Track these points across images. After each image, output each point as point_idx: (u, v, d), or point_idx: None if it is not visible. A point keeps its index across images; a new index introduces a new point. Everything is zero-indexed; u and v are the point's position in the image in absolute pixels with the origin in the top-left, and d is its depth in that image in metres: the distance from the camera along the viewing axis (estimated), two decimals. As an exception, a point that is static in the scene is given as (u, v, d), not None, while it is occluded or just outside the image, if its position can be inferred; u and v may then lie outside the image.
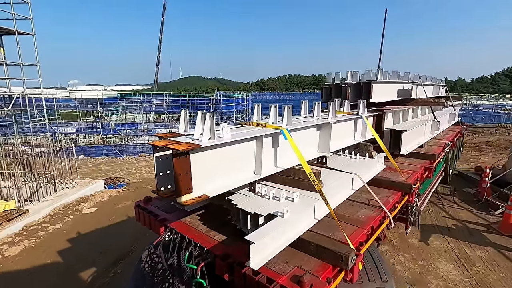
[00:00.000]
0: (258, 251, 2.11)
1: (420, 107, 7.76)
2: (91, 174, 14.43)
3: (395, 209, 3.62)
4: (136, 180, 12.97)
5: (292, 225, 2.46)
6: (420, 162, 5.47)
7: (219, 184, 2.45)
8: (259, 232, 2.17)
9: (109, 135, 32.34)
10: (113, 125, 32.24)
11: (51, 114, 28.83)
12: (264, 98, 52.51)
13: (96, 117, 33.20)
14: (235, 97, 38.10)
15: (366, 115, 4.68)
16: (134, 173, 14.32)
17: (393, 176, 4.39)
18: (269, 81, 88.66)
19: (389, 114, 6.03)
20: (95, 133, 33.00)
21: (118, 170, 15.43)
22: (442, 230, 7.04)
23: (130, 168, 16.01)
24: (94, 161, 19.48)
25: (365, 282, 3.21)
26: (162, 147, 2.19)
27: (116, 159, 19.99)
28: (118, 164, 17.62)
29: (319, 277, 2.18)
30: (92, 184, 10.98)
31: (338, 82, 5.90)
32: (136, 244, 6.75)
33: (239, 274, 2.29)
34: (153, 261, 2.92)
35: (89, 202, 9.69)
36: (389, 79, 6.40)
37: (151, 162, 16.39)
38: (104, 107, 33.73)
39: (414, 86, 6.77)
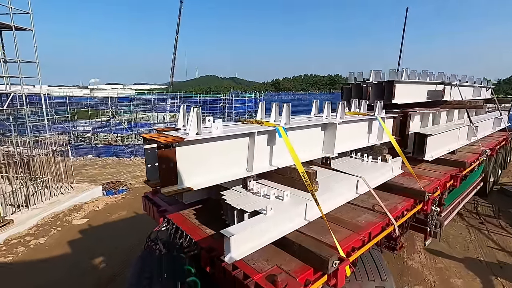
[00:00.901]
0: (233, 246, 2.12)
1: (457, 110, 7.14)
2: (95, 176, 14.16)
3: (402, 217, 3.38)
4: (139, 185, 12.26)
5: (277, 224, 2.43)
6: (447, 169, 5.03)
7: (206, 178, 2.51)
8: (235, 227, 2.19)
9: (121, 134, 32.02)
10: (126, 124, 31.86)
11: (66, 112, 29.72)
12: (278, 98, 51.26)
13: (110, 116, 32.83)
14: (248, 97, 36.99)
15: (384, 117, 4.44)
16: (138, 177, 13.67)
17: (410, 183, 4.11)
18: (284, 81, 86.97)
19: (416, 116, 5.65)
20: (107, 132, 32.53)
21: (123, 173, 14.92)
22: (493, 268, 5.48)
23: (135, 170, 15.36)
24: (102, 161, 19.07)
25: (364, 281, 3.12)
26: (151, 140, 2.30)
27: (123, 160, 19.34)
28: (124, 165, 17.06)
29: (296, 278, 2.13)
30: (89, 189, 10.12)
31: (359, 82, 5.66)
32: (120, 269, 5.72)
33: (220, 267, 2.32)
34: (151, 248, 3.07)
35: (82, 211, 8.77)
36: (419, 79, 5.99)
37: None
38: (118, 106, 33.11)
39: (448, 87, 6.24)
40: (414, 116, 5.57)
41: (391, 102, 5.18)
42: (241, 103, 34.85)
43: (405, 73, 5.31)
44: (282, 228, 2.47)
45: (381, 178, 3.91)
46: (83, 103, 31.77)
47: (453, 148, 5.83)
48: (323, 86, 79.33)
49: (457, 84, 6.47)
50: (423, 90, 5.98)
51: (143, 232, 3.79)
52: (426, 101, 6.08)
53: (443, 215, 5.01)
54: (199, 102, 32.72)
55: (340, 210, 3.26)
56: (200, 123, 2.36)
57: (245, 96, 37.14)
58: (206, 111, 30.97)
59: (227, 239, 2.06)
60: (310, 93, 58.54)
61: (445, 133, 5.57)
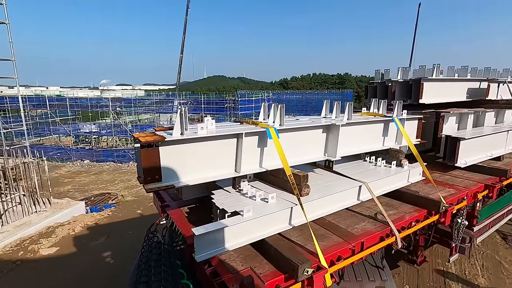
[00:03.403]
0: (203, 244, 2.17)
1: (510, 111, 6.23)
2: (88, 185, 13.50)
3: (409, 228, 3.09)
4: (131, 197, 11.25)
5: (255, 226, 2.42)
6: (484, 178, 4.45)
7: (191, 177, 2.59)
8: (207, 226, 2.23)
9: (124, 137, 30.41)
10: (130, 125, 30.70)
11: (71, 114, 29.25)
12: (286, 98, 48.08)
13: (112, 118, 30.93)
14: (255, 97, 33.85)
15: (403, 118, 4.09)
16: (132, 187, 12.72)
17: (429, 191, 3.73)
18: (292, 80, 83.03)
19: (450, 118, 5.09)
20: (108, 134, 30.63)
21: (118, 181, 14.04)
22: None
23: (130, 179, 14.45)
24: (98, 167, 18.25)
25: (365, 281, 3.16)
26: (137, 139, 2.45)
27: (120, 166, 18.47)
28: (121, 172, 16.23)
29: (264, 282, 2.10)
30: (69, 207, 8.53)
31: (384, 80, 5.28)
32: None
33: (198, 264, 2.39)
34: (151, 240, 3.27)
35: (54, 236, 7.17)
36: (457, 76, 5.38)
37: None
38: (123, 107, 31.34)
39: (494, 84, 5.48)
40: (448, 117, 5.03)
41: (419, 102, 4.75)
42: (247, 103, 32.23)
43: (436, 70, 4.80)
44: (261, 231, 2.45)
45: (393, 184, 3.63)
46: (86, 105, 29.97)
47: (497, 154, 5.13)
48: (332, 85, 75.19)
49: (507, 81, 5.65)
50: (461, 88, 5.35)
51: (120, 275, 3.32)
52: (465, 100, 5.43)
53: (477, 229, 4.44)
54: (205, 103, 30.35)
55: (338, 216, 3.12)
56: (184, 123, 2.45)
57: (252, 96, 34.31)
58: (212, 112, 29.04)
59: (196, 237, 2.12)
60: (318, 92, 55.55)
61: (487, 137, 4.92)
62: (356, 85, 72.58)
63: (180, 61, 41.79)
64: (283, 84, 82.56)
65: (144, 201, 10.76)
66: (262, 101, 33.37)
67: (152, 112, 31.77)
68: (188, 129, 2.56)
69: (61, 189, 12.46)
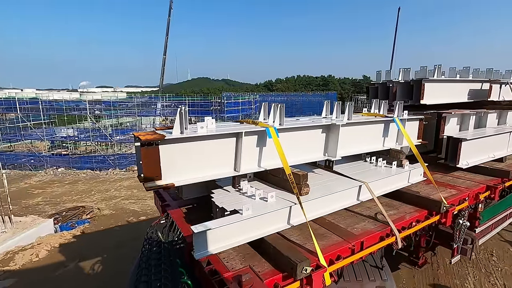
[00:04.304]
0: (202, 242, 2.18)
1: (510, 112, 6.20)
2: (61, 196, 12.18)
3: (410, 228, 3.07)
4: (108, 211, 10.15)
5: (253, 225, 2.42)
6: (486, 179, 4.42)
7: (190, 176, 2.59)
8: (207, 224, 2.24)
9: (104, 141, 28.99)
10: (110, 129, 29.14)
11: (45, 118, 27.33)
12: (272, 100, 48.39)
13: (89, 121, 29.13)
14: (241, 99, 33.15)
15: (404, 119, 4.08)
16: (110, 198, 11.74)
17: (430, 191, 3.72)
18: (277, 82, 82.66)
19: (452, 118, 5.08)
20: (86, 140, 28.92)
21: (94, 192, 12.77)
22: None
23: (109, 188, 13.32)
24: (74, 175, 16.58)
25: (365, 281, 3.15)
26: (137, 137, 2.47)
27: (98, 174, 17.05)
28: (98, 181, 14.84)
29: (263, 281, 2.10)
30: (34, 226, 7.24)
31: (385, 81, 5.28)
32: None
33: (198, 262, 2.40)
34: (150, 239, 3.28)
35: (12, 264, 6.04)
36: (459, 77, 5.37)
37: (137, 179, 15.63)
38: (103, 110, 29.69)
39: (496, 85, 5.46)
40: (449, 118, 5.01)
41: (420, 103, 4.74)
42: (234, 106, 31.44)
43: (437, 71, 4.80)
44: (260, 230, 2.45)
45: (394, 185, 3.62)
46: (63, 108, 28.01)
47: (500, 155, 5.10)
48: (316, 87, 75.06)
49: (509, 82, 5.63)
50: (463, 89, 5.34)
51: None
52: (467, 101, 5.42)
53: (479, 230, 4.41)
54: (189, 105, 28.72)
55: (338, 216, 3.11)
56: (184, 122, 2.47)
57: (239, 98, 33.59)
58: (197, 115, 27.84)
59: (195, 235, 2.13)
60: (303, 94, 55.59)
61: (489, 138, 4.90)
62: (340, 87, 72.65)
63: (163, 63, 40.42)
64: (268, 86, 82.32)
65: (122, 215, 9.79)
66: (248, 103, 33.17)
67: (134, 115, 30.04)
68: (188, 128, 2.58)
69: (30, 201, 11.17)
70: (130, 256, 6.09)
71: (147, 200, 11.29)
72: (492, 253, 6.13)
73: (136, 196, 12.10)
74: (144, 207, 10.71)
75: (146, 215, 9.85)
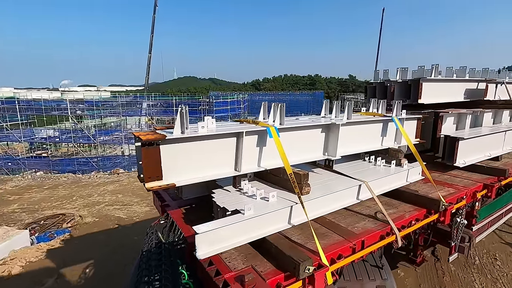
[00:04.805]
0: (205, 242, 2.17)
1: (508, 111, 6.28)
2: (39, 203, 11.16)
3: (409, 227, 3.10)
4: (91, 218, 9.34)
5: (255, 225, 2.42)
6: (483, 177, 4.47)
7: (191, 176, 2.58)
8: (209, 224, 2.23)
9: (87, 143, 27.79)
10: (93, 130, 28.16)
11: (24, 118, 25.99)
12: (260, 99, 47.52)
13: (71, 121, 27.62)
14: (230, 98, 32.48)
15: (402, 118, 4.10)
16: (93, 204, 10.82)
17: (429, 190, 3.75)
18: (264, 81, 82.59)
19: (448, 118, 5.13)
20: (67, 141, 27.38)
21: (76, 197, 11.75)
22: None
23: (92, 193, 12.32)
24: (54, 179, 15.24)
25: (365, 280, 3.17)
26: (137, 137, 2.45)
27: (81, 177, 15.80)
28: (80, 185, 13.73)
29: (265, 280, 2.10)
30: (7, 238, 6.58)
31: (383, 80, 5.31)
32: None
33: (199, 262, 2.39)
34: (151, 239, 3.26)
35: None
36: (456, 77, 5.42)
37: (122, 183, 13.89)
38: (85, 110, 28.30)
39: (492, 85, 5.52)
40: (446, 118, 5.06)
41: (418, 102, 4.78)
42: (223, 105, 30.54)
43: (435, 71, 4.84)
44: (261, 230, 2.45)
45: (393, 184, 3.64)
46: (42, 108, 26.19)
47: (496, 154, 5.17)
48: (304, 86, 75.44)
49: (505, 82, 5.69)
50: (460, 89, 5.39)
51: None
52: (463, 101, 5.47)
53: (476, 228, 4.46)
54: (176, 105, 27.59)
55: (338, 215, 3.13)
56: (185, 122, 2.45)
57: (227, 98, 32.80)
58: None
59: (198, 235, 2.12)
60: (291, 93, 55.81)
61: (485, 137, 4.95)
62: (326, 86, 73.11)
63: (148, 61, 39.05)
64: (255, 85, 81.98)
65: (107, 223, 9.01)
66: (237, 102, 32.34)
67: (119, 115, 28.57)
68: (188, 127, 2.56)
69: (5, 209, 10.19)
70: (115, 271, 5.85)
71: (134, 205, 10.63)
72: (495, 257, 6.11)
73: (121, 201, 11.20)
74: (130, 213, 9.88)
75: (132, 222, 9.15)
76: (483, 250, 6.31)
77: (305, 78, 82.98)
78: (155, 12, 38.48)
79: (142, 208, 10.36)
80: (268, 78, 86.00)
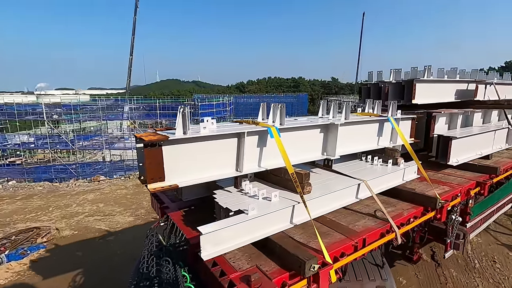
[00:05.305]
0: (209, 243, 2.17)
1: (496, 111, 6.47)
2: (11, 215, 10.09)
3: (408, 224, 3.15)
4: (69, 231, 8.53)
5: (259, 225, 2.43)
6: (475, 175, 4.58)
7: (193, 176, 2.58)
8: (213, 225, 2.22)
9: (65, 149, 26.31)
10: (71, 135, 26.64)
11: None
12: (245, 101, 48.92)
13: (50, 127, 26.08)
14: (216, 101, 31.88)
15: (398, 118, 4.18)
16: (72, 215, 9.92)
17: (425, 188, 3.82)
18: (248, 84, 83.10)
19: (441, 118, 5.25)
20: (43, 147, 25.72)
21: (52, 208, 10.71)
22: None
23: (70, 203, 11.29)
24: (28, 189, 13.97)
25: (365, 281, 3.19)
26: (140, 138, 2.43)
27: (58, 186, 14.59)
28: (58, 195, 12.55)
29: (271, 280, 2.11)
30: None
31: (377, 81, 5.40)
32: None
33: (203, 263, 2.38)
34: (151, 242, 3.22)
35: None
36: (447, 78, 5.56)
37: (103, 191, 13.04)
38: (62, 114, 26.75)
39: (482, 85, 5.68)
40: (439, 118, 5.18)
41: (412, 103, 4.88)
42: (208, 108, 30.00)
43: (427, 72, 4.95)
44: (265, 229, 2.46)
45: (390, 183, 3.70)
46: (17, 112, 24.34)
47: (486, 152, 5.30)
48: (288, 88, 76.53)
49: (494, 83, 5.87)
50: (451, 89, 5.53)
51: None
52: (454, 101, 5.61)
53: (470, 225, 4.57)
54: (160, 108, 27.02)
55: (339, 214, 3.15)
56: (187, 123, 2.45)
57: (213, 101, 32.33)
58: (168, 118, 26.61)
59: (202, 236, 2.11)
60: (275, 96, 56.54)
61: (476, 136, 5.09)
62: (310, 88, 73.97)
63: (129, 64, 37.25)
64: (240, 87, 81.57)
65: (87, 236, 8.24)
66: (223, 105, 31.76)
67: (99, 119, 27.14)
68: (190, 128, 2.56)
69: None
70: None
71: (116, 215, 9.88)
72: (494, 260, 6.13)
73: (102, 211, 10.38)
74: (112, 224, 9.16)
75: (115, 234, 8.39)
76: (482, 252, 6.33)
77: (289, 81, 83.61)
78: (136, 13, 36.80)
79: (125, 218, 9.66)
80: (253, 81, 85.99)
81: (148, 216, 9.57)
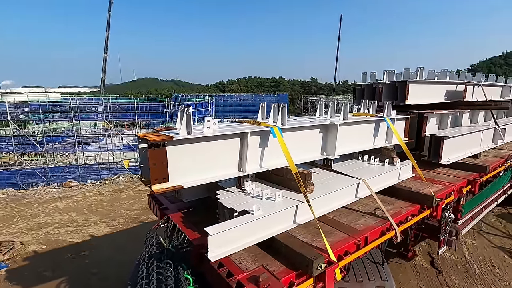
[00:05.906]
0: (216, 244, 2.15)
1: (483, 111, 6.70)
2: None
3: (406, 222, 3.22)
4: (36, 245, 7.51)
5: (264, 225, 2.43)
6: (466, 174, 4.73)
7: (197, 177, 2.56)
8: (220, 225, 2.21)
9: (32, 151, 24.37)
10: (40, 136, 24.97)
11: None
12: (225, 101, 48.65)
13: (15, 127, 23.62)
14: (197, 100, 30.84)
15: (393, 118, 4.27)
16: (40, 227, 8.77)
17: (420, 187, 3.92)
18: (229, 83, 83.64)
19: (432, 118, 5.39)
20: (6, 150, 23.50)
21: (17, 219, 9.49)
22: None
23: (38, 212, 10.01)
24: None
25: (365, 281, 3.20)
26: (143, 138, 2.39)
27: (24, 193, 13.13)
28: (23, 203, 11.23)
29: (279, 279, 2.11)
30: None
31: (371, 82, 5.50)
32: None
33: (209, 265, 2.36)
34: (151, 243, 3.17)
35: None
36: (437, 79, 5.71)
37: (76, 198, 11.64)
38: (29, 114, 24.70)
39: (470, 87, 5.87)
40: (430, 118, 5.32)
41: (405, 103, 4.99)
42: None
43: (419, 73, 5.08)
44: (270, 229, 2.46)
45: (387, 182, 3.77)
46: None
47: (475, 151, 5.48)
48: (268, 88, 77.74)
49: (481, 84, 6.07)
50: (441, 91, 5.69)
51: None
52: (444, 102, 5.78)
53: (461, 222, 4.71)
54: (137, 108, 25.35)
55: (339, 213, 3.19)
56: (191, 123, 2.42)
57: (194, 100, 31.49)
58: (146, 118, 25.92)
59: (210, 237, 2.10)
60: (256, 95, 56.62)
61: (465, 136, 5.25)
62: (290, 88, 74.99)
63: (104, 61, 35.06)
64: (220, 87, 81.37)
65: (57, 251, 7.25)
66: (204, 105, 30.56)
67: (71, 119, 25.07)
68: (193, 129, 2.53)
69: None
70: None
71: (91, 226, 8.70)
72: (492, 264, 6.04)
73: (75, 221, 9.13)
74: (85, 236, 8.02)
75: (89, 249, 7.24)
76: (479, 257, 6.27)
77: (269, 80, 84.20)
78: (110, 9, 34.50)
79: (101, 229, 8.53)
80: (233, 80, 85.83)
81: (127, 226, 8.57)
